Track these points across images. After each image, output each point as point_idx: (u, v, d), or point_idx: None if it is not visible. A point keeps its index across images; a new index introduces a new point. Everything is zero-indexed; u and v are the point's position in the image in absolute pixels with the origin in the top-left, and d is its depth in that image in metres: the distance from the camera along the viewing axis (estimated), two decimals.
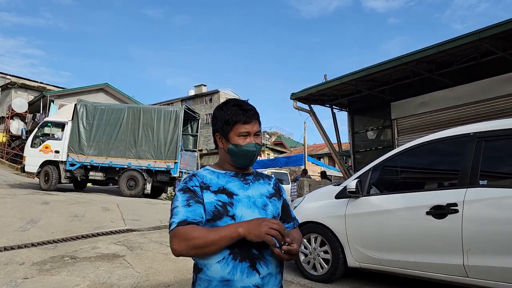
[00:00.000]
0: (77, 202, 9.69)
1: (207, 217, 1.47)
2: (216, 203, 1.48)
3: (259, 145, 1.58)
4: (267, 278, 1.47)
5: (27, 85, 32.23)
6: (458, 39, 7.38)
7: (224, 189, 1.52)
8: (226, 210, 1.47)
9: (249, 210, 1.50)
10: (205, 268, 1.46)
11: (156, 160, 13.22)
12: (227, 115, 1.57)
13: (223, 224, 1.45)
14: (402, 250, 3.78)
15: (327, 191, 4.76)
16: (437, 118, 9.53)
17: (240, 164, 1.59)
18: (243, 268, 1.44)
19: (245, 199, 1.52)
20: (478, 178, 3.40)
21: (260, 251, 1.47)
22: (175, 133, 13.39)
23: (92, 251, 5.23)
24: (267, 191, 1.62)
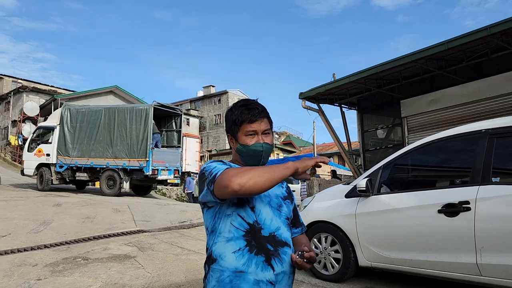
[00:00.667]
0: (89, 204, 9.77)
1: (234, 200, 1.48)
2: None
3: (267, 144, 1.56)
4: (280, 276, 1.47)
5: (38, 89, 32.65)
6: (468, 35, 7.29)
7: None
8: (248, 201, 1.49)
9: (265, 207, 1.52)
10: (219, 258, 1.45)
11: (130, 159, 13.44)
12: (234, 115, 1.58)
13: (245, 212, 1.47)
14: (414, 249, 3.74)
15: (337, 190, 4.74)
16: (447, 115, 9.43)
17: (249, 164, 1.58)
18: (258, 261, 1.44)
19: (262, 196, 1.54)
20: (491, 175, 3.36)
21: (275, 248, 1.47)
22: (145, 131, 13.46)
23: (104, 252, 5.27)
24: (281, 192, 1.63)
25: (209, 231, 1.53)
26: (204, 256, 5.23)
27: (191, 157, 24.14)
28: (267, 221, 1.49)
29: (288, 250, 1.51)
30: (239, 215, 1.47)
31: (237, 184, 1.31)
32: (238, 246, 1.44)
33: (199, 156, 26.49)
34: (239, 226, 1.46)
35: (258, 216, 1.48)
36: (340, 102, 11.56)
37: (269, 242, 1.47)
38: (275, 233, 1.49)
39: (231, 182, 1.32)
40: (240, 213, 1.47)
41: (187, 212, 9.75)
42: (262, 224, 1.48)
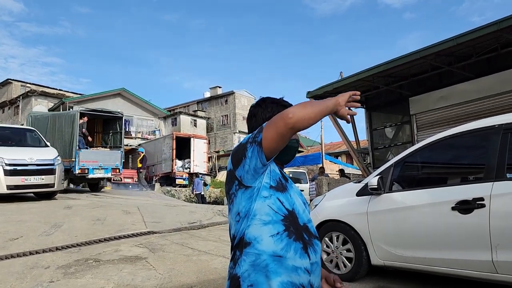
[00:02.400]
0: (99, 206, 9.82)
1: (272, 184, 1.46)
2: (279, 175, 1.50)
3: (298, 141, 1.62)
4: (314, 266, 1.45)
5: (46, 93, 32.94)
6: (477, 30, 7.21)
7: (280, 171, 1.54)
8: (286, 188, 1.49)
9: (299, 198, 1.54)
10: (254, 242, 1.39)
11: (64, 159, 13.58)
12: (267, 112, 1.58)
13: (284, 197, 1.46)
14: (427, 247, 3.70)
15: (348, 188, 4.71)
16: (457, 112, 9.33)
17: (283, 160, 1.60)
18: (297, 247, 1.41)
19: (294, 189, 1.55)
20: (505, 171, 3.31)
21: (309, 238, 1.47)
22: (72, 134, 14.23)
23: (115, 254, 5.29)
24: (301, 193, 1.65)
25: (242, 215, 1.44)
26: (215, 256, 5.24)
27: (199, 158, 24.18)
28: (300, 211, 1.50)
29: (318, 242, 1.52)
30: (278, 199, 1.44)
31: (290, 113, 1.31)
32: (276, 230, 1.40)
33: (207, 157, 26.55)
34: (278, 210, 1.43)
35: (294, 205, 1.48)
36: None
37: (305, 231, 1.46)
38: (307, 224, 1.50)
39: (283, 116, 1.32)
40: (279, 197, 1.45)
41: (196, 213, 9.76)
42: (297, 213, 1.48)
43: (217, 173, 29.87)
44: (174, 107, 46.76)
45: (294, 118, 1.30)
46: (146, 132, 32.78)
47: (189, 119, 38.48)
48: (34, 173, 10.06)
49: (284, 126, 1.32)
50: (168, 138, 24.29)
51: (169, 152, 23.12)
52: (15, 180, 9.73)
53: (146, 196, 15.85)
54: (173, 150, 22.83)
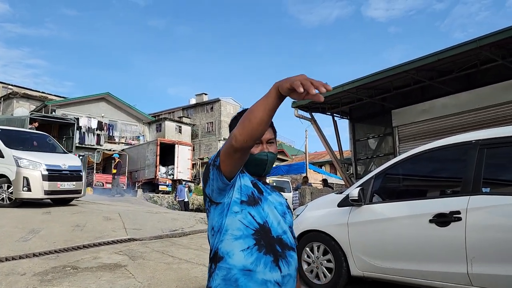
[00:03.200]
0: (79, 212, 9.66)
1: (243, 198, 1.47)
2: (252, 189, 1.51)
3: (272, 154, 1.58)
4: (286, 278, 1.47)
5: (29, 95, 32.38)
6: (458, 47, 7.41)
7: (256, 184, 1.55)
8: (258, 202, 1.50)
9: (274, 210, 1.54)
10: (226, 257, 1.43)
11: None
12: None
13: (255, 212, 1.47)
14: (405, 259, 3.76)
15: (329, 199, 4.75)
16: (438, 125, 9.53)
17: (254, 172, 1.59)
18: (267, 261, 1.43)
19: (269, 202, 1.55)
20: (481, 185, 3.40)
21: (283, 250, 1.48)
22: None
23: (93, 261, 5.21)
24: (283, 202, 1.66)
25: (215, 230, 1.49)
26: (196, 265, 5.21)
27: (183, 165, 24.04)
28: (274, 224, 1.50)
29: (293, 254, 1.53)
30: (249, 214, 1.46)
31: (236, 135, 1.26)
32: (247, 244, 1.43)
33: (191, 164, 26.41)
34: (248, 224, 1.45)
35: (267, 218, 1.49)
36: (332, 111, 11.64)
37: (277, 244, 1.47)
38: (281, 237, 1.51)
39: (231, 138, 1.29)
40: (250, 211, 1.47)
41: (178, 220, 9.68)
42: (270, 225, 1.49)
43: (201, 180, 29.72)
44: (159, 113, 46.48)
45: (238, 142, 1.27)
46: (130, 138, 32.48)
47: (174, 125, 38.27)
48: (67, 179, 10.27)
49: (233, 151, 1.32)
50: (152, 144, 24.11)
51: (153, 158, 22.93)
52: (52, 185, 9.89)
53: (128, 202, 15.66)
54: (157, 156, 22.66)
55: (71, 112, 29.33)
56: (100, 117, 30.81)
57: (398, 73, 8.58)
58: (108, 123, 31.35)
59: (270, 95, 1.22)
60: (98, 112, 31.10)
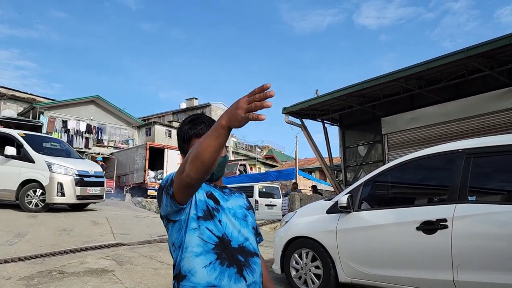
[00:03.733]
0: (66, 216, 9.55)
1: (199, 214, 1.46)
2: (207, 203, 1.48)
3: (224, 157, 1.56)
4: (252, 286, 1.47)
5: (16, 97, 31.94)
6: (446, 57, 7.53)
7: (211, 194, 1.53)
8: (214, 214, 1.48)
9: (232, 219, 1.52)
10: (189, 275, 1.41)
11: None
12: (182, 132, 1.58)
13: (213, 225, 1.45)
14: (393, 266, 3.79)
15: (318, 206, 4.77)
16: (426, 133, 9.64)
17: (211, 178, 1.58)
18: (231, 273, 1.43)
19: (227, 209, 1.53)
20: (467, 194, 3.45)
21: (246, 259, 1.48)
22: None
23: (80, 266, 5.16)
24: (243, 203, 1.64)
25: (176, 245, 1.49)
26: None
27: (172, 169, 23.74)
28: (234, 233, 1.50)
29: (257, 260, 1.53)
30: (207, 228, 1.45)
31: (191, 174, 1.23)
32: (208, 260, 1.42)
33: None
34: (208, 240, 1.44)
35: (225, 229, 1.48)
36: (322, 118, 11.70)
37: (239, 253, 1.47)
38: (243, 244, 1.50)
39: (185, 176, 1.26)
40: (208, 226, 1.45)
41: None
42: (230, 236, 1.48)
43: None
44: (149, 117, 46.23)
45: (193, 179, 1.25)
46: (119, 141, 32.21)
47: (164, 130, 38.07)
48: (94, 184, 10.61)
49: (189, 186, 1.30)
50: (141, 148, 23.95)
51: (142, 162, 22.78)
52: (83, 191, 10.19)
53: (116, 206, 15.51)
54: (146, 160, 22.51)
55: (59, 115, 29.04)
56: (89, 120, 30.54)
57: (388, 81, 8.66)
58: (97, 126, 31.07)
59: (220, 134, 1.16)
60: (87, 115, 30.82)
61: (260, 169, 37.83)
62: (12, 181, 9.67)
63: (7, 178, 9.73)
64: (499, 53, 7.33)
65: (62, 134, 28.52)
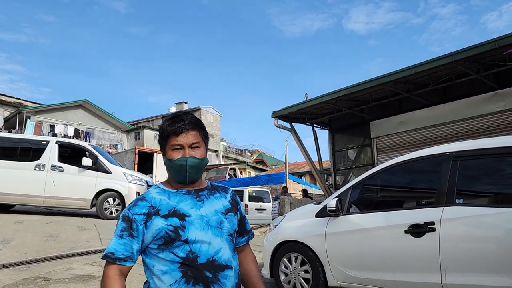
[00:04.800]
0: (52, 221, 9.41)
1: (159, 243, 1.43)
2: (167, 228, 1.42)
3: (194, 159, 1.48)
4: None
5: (3, 101, 31.57)
6: (434, 61, 7.61)
7: (175, 211, 1.46)
8: (178, 235, 1.42)
9: (202, 231, 1.45)
10: None
11: None
12: (161, 129, 1.54)
13: (176, 248, 1.42)
14: (381, 269, 3.78)
15: (307, 210, 4.76)
16: (415, 137, 9.72)
17: (177, 180, 1.53)
18: None
19: (197, 219, 1.46)
20: (455, 196, 3.46)
21: (214, 274, 1.42)
22: None
23: (66, 272, 5.07)
24: (222, 206, 1.56)
25: (145, 264, 1.51)
26: None
27: (162, 174, 23.73)
28: (204, 247, 1.44)
29: (229, 272, 1.47)
30: (171, 252, 1.43)
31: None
32: (174, 279, 1.40)
33: None
34: (172, 259, 1.42)
35: (192, 246, 1.43)
36: (312, 121, 11.74)
37: (208, 269, 1.42)
38: (214, 257, 1.44)
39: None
40: (171, 250, 1.43)
41: None
42: (197, 252, 1.43)
43: None
44: (138, 121, 45.97)
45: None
46: (108, 146, 31.95)
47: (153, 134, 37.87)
48: None
49: None
50: (130, 152, 23.81)
51: (131, 166, 22.60)
52: None
53: None
54: (135, 165, 22.37)
55: (46, 119, 28.75)
56: (77, 125, 30.29)
57: (377, 85, 8.74)
58: (85, 131, 30.83)
59: None
60: (75, 120, 30.58)
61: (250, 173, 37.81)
62: (88, 191, 10.14)
63: (83, 187, 10.16)
64: (485, 58, 7.44)
65: None
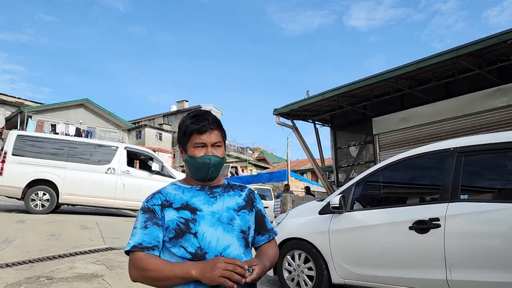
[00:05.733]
0: (54, 221, 9.41)
1: (170, 235, 1.45)
2: (178, 220, 1.45)
3: (216, 157, 1.52)
4: None
5: (4, 101, 31.58)
6: (436, 56, 7.57)
7: (187, 204, 1.49)
8: (189, 227, 1.44)
9: (212, 228, 1.46)
10: None
11: None
12: (184, 126, 1.55)
13: (186, 242, 1.43)
14: (386, 266, 3.76)
15: (310, 207, 4.73)
16: (417, 133, 9.69)
17: (197, 177, 1.55)
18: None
19: (208, 215, 1.48)
20: (459, 192, 3.43)
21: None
22: None
23: (69, 271, 5.06)
24: (235, 203, 1.57)
25: None
26: None
27: None
28: (212, 243, 1.45)
29: None
30: (181, 246, 1.44)
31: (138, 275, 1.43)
32: None
33: None
34: (182, 255, 1.43)
35: (201, 241, 1.44)
36: (313, 118, 11.71)
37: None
38: (222, 254, 1.44)
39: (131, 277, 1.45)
40: (181, 243, 1.44)
41: None
42: (206, 248, 1.43)
43: None
44: (139, 120, 45.98)
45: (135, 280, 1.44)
46: None
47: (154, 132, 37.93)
48: None
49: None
50: None
51: None
52: None
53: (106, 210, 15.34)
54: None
55: (48, 118, 28.76)
56: (78, 124, 30.29)
57: (378, 82, 8.70)
58: (87, 130, 30.82)
59: (184, 280, 1.37)
60: (76, 119, 30.58)
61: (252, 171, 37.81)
62: None
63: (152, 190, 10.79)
64: (488, 52, 7.40)
65: None
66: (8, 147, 10.41)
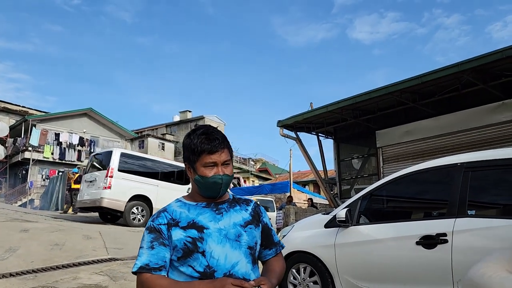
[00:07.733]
0: (58, 230, 9.40)
1: (178, 255, 1.45)
2: (185, 240, 1.44)
3: (227, 176, 1.52)
4: None
5: (8, 109, 31.74)
6: (441, 71, 7.62)
7: (194, 223, 1.48)
8: (196, 247, 1.44)
9: (219, 245, 1.46)
10: None
11: None
12: (193, 145, 1.52)
13: (194, 261, 1.43)
14: (392, 281, 3.75)
15: (316, 220, 4.73)
16: (421, 147, 9.69)
17: (207, 195, 1.54)
18: None
19: (216, 232, 1.48)
20: (467, 208, 3.43)
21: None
22: None
23: (73, 282, 5.05)
24: (242, 219, 1.56)
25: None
26: None
27: None
28: (221, 260, 1.45)
29: None
30: (189, 266, 1.45)
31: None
32: None
33: None
34: (190, 273, 1.44)
35: (210, 260, 1.44)
36: (317, 131, 11.74)
37: None
38: (231, 271, 1.45)
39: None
40: (189, 263, 1.44)
41: None
42: (215, 266, 1.44)
43: None
44: (142, 130, 46.08)
45: None
46: None
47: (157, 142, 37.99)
48: None
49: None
50: None
51: None
52: None
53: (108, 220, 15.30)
54: None
55: (52, 127, 28.88)
56: (81, 133, 30.40)
57: (383, 95, 8.74)
58: (90, 139, 30.91)
59: None
60: (80, 128, 30.68)
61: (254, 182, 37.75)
62: None
63: None
64: (492, 67, 7.44)
65: (55, 147, 28.35)
66: (113, 163, 11.10)
